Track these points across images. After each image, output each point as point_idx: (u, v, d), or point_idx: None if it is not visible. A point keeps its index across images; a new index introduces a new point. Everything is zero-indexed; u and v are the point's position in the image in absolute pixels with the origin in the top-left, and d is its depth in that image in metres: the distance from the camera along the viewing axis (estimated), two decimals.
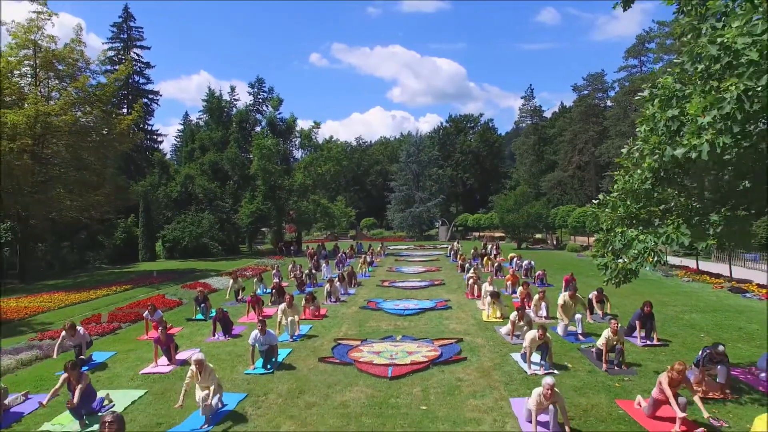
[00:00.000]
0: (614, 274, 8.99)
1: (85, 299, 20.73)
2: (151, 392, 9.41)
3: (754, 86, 5.19)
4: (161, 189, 46.12)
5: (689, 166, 8.05)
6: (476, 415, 8.02)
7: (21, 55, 28.81)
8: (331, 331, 13.96)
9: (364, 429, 7.61)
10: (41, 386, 9.91)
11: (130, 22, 64.14)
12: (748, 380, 9.33)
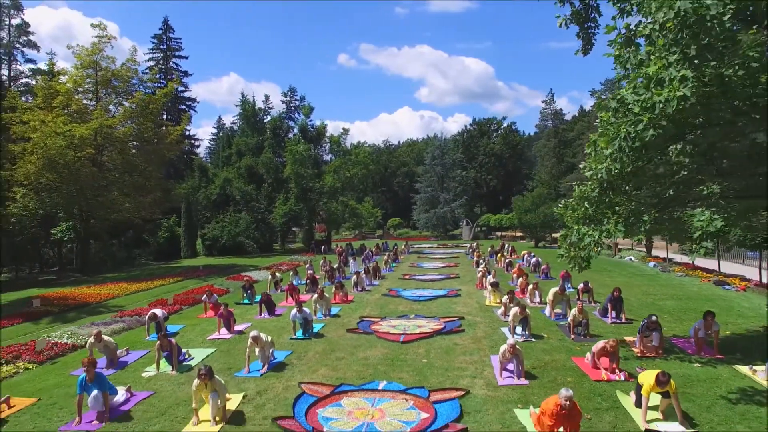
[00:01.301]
0: (574, 262, 11.56)
1: (145, 288, 23.99)
2: (219, 350, 12.39)
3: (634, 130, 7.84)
4: (201, 191, 49.62)
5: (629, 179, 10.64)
6: (463, 365, 10.76)
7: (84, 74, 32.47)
8: (357, 312, 16.79)
9: (378, 373, 10.40)
10: (134, 347, 12.95)
11: (169, 33, 68.12)
12: (684, 347, 11.83)
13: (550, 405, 7.04)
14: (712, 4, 6.04)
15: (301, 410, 8.43)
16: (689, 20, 6.13)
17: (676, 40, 6.57)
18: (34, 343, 12.70)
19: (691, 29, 6.24)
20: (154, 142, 34.60)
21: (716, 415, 7.94)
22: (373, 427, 7.73)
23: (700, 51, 6.50)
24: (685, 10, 6.06)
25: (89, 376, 8.29)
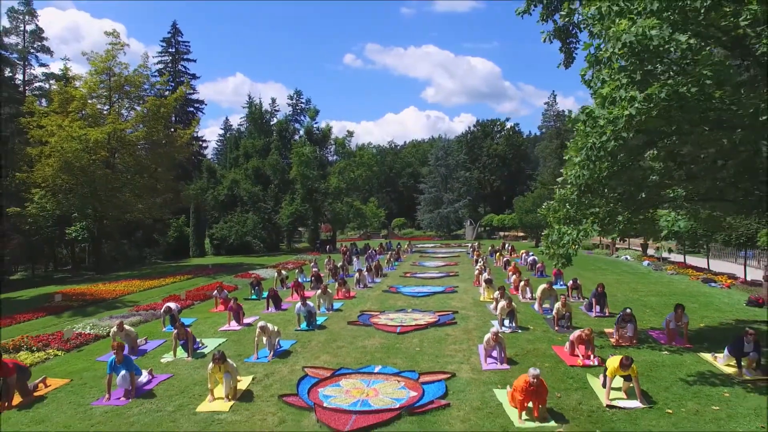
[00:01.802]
0: (555, 259, 12.56)
1: (157, 285, 25.14)
2: (230, 340, 13.48)
3: (599, 141, 8.85)
4: (210, 192, 50.84)
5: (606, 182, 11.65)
6: (452, 353, 11.80)
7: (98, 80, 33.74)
8: (358, 306, 17.83)
9: (375, 359, 11.45)
10: (151, 337, 14.05)
11: (177, 36, 69.39)
12: (659, 337, 12.80)
13: (521, 382, 8.06)
14: (655, 35, 7.04)
15: (304, 389, 9.50)
16: (636, 49, 7.13)
17: (623, 66, 7.58)
18: (61, 333, 13.84)
19: (638, 56, 7.24)
20: (165, 144, 35.80)
21: (672, 394, 8.94)
22: (367, 403, 8.78)
23: (644, 75, 7.50)
24: (630, 41, 7.05)
25: (118, 359, 9.37)
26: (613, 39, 7.33)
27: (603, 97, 8.02)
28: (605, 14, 7.80)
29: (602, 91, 8.01)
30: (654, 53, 7.28)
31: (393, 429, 7.80)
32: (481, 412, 8.40)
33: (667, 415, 8.07)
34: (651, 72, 7.60)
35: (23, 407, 9.06)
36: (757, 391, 8.96)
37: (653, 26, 7.06)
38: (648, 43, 7.03)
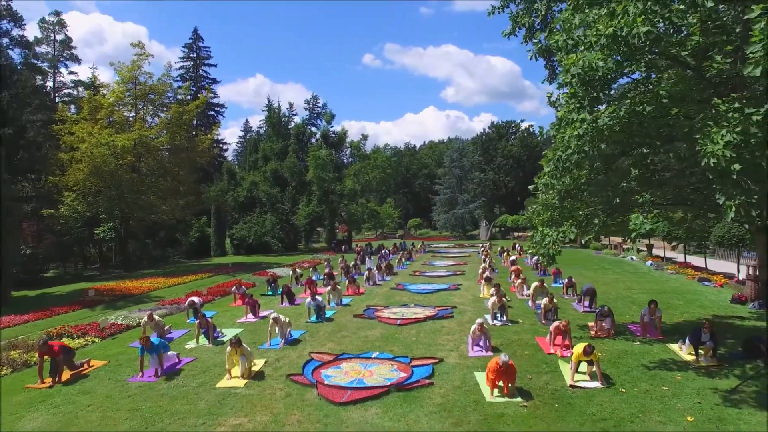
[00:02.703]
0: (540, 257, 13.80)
1: (181, 282, 26.80)
2: (246, 330, 14.94)
3: (563, 154, 10.12)
4: (230, 194, 52.68)
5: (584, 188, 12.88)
6: (444, 342, 13.12)
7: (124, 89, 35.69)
8: (365, 302, 19.21)
9: (374, 347, 12.81)
10: (176, 327, 15.58)
11: (199, 42, 71.54)
12: (636, 330, 13.96)
13: (493, 364, 9.37)
14: (600, 66, 8.28)
15: (309, 370, 10.92)
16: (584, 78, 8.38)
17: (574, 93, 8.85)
18: (97, 324, 15.45)
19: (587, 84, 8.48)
20: (187, 149, 37.60)
21: (630, 377, 10.18)
22: (362, 382, 10.16)
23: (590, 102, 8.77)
24: (578, 72, 8.30)
25: (146, 346, 10.86)
26: (564, 71, 8.62)
27: (560, 118, 9.31)
28: (561, 47, 9.07)
29: (559, 113, 9.30)
30: (601, 81, 8.52)
31: (381, 401, 9.15)
32: (459, 390, 9.72)
33: (620, 394, 9.32)
34: (597, 98, 8.84)
35: (71, 382, 10.62)
36: (707, 375, 10.16)
37: (599, 59, 8.32)
38: (594, 74, 8.29)
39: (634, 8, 8.22)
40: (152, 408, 9.13)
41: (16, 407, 9.44)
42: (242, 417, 8.62)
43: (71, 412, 9.11)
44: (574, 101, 8.95)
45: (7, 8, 39.83)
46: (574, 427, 7.97)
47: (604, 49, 8.60)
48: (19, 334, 14.74)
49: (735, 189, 8.45)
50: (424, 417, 8.48)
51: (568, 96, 9.14)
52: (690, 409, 8.52)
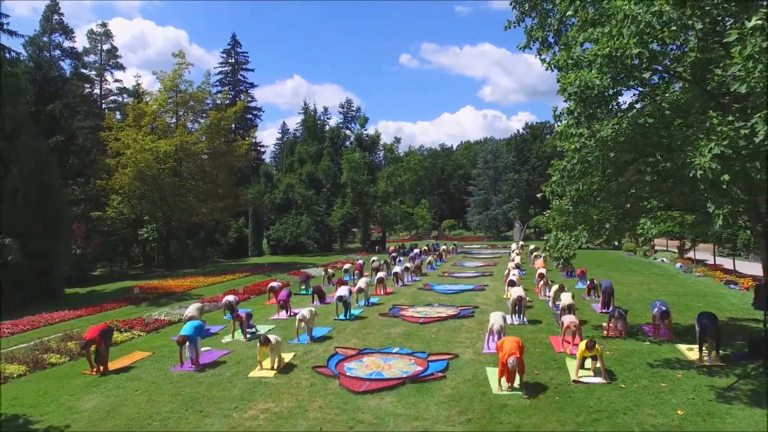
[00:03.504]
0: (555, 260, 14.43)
1: (219, 281, 28.18)
2: (278, 326, 16.02)
3: (568, 164, 10.81)
4: (267, 196, 54.30)
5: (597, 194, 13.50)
6: (462, 340, 13.91)
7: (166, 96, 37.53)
8: (392, 301, 20.09)
9: (395, 343, 13.68)
10: (214, 323, 16.76)
11: (237, 48, 73.61)
12: (649, 331, 14.46)
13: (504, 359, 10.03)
14: (596, 86, 8.96)
15: (333, 363, 11.86)
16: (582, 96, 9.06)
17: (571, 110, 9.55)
18: (142, 319, 16.77)
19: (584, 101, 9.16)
20: (225, 154, 39.20)
21: (632, 374, 10.80)
22: (380, 374, 11.05)
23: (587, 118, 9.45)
24: (574, 91, 8.99)
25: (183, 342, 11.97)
26: (561, 89, 9.33)
27: (560, 132, 10.02)
28: (562, 66, 9.77)
29: (559, 128, 10.02)
30: (598, 98, 9.20)
31: (396, 392, 10.02)
32: (469, 383, 10.52)
33: (620, 389, 9.98)
34: (593, 115, 9.52)
35: (120, 371, 11.84)
36: (708, 374, 10.70)
37: (595, 77, 9.00)
38: (590, 92, 8.98)
39: (628, 30, 8.88)
40: (191, 393, 10.22)
41: (75, 390, 10.68)
42: (270, 402, 9.61)
43: (121, 395, 10.28)
44: (571, 117, 9.64)
45: (59, 22, 42.18)
46: (570, 418, 8.69)
47: (603, 68, 9.28)
48: (74, 328, 16.13)
49: (724, 198, 9.03)
50: (433, 405, 9.32)
51: (567, 111, 9.84)
52: (683, 404, 9.13)
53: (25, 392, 10.67)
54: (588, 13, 10.55)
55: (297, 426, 8.59)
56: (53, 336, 15.12)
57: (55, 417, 9.26)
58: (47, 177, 24.78)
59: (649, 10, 8.60)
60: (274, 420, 8.86)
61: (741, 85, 8.11)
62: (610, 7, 9.60)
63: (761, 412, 8.67)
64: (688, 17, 8.86)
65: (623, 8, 9.05)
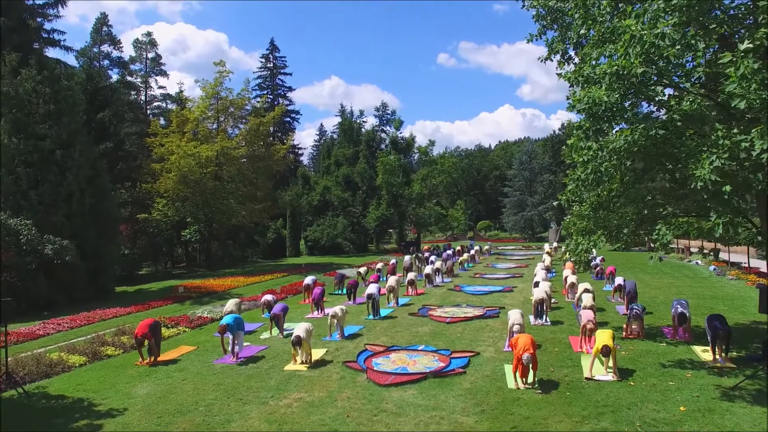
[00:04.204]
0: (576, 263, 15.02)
1: (258, 281, 29.49)
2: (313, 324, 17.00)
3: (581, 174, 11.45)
4: (304, 198, 55.78)
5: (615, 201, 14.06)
6: (485, 339, 14.65)
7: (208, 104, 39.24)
8: (422, 302, 20.91)
9: (422, 341, 14.51)
10: (253, 321, 17.88)
11: (275, 53, 75.63)
12: (668, 332, 14.92)
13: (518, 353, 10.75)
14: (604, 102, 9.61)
15: (362, 359, 12.78)
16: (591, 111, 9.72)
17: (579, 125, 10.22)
18: (187, 316, 18.03)
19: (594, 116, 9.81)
20: (264, 158, 40.69)
21: (643, 373, 11.38)
22: (405, 369, 11.90)
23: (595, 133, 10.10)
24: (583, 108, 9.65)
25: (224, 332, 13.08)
26: (571, 106, 10.01)
27: (570, 146, 10.71)
28: (573, 82, 10.46)
29: (569, 141, 10.71)
30: (606, 114, 9.83)
31: (419, 385, 10.86)
32: (487, 378, 11.28)
33: (628, 387, 10.59)
34: (600, 130, 10.17)
35: (169, 363, 13.02)
36: (717, 374, 11.19)
37: (603, 94, 9.66)
38: (598, 108, 9.63)
39: (634, 50, 9.52)
40: (232, 383, 11.27)
41: (129, 378, 11.87)
42: (303, 392, 10.57)
43: (170, 384, 11.41)
44: (581, 132, 10.31)
45: (107, 33, 44.36)
46: (577, 411, 9.38)
47: (612, 84, 9.94)
48: (125, 323, 17.46)
49: (725, 208, 9.58)
50: (451, 398, 10.12)
51: (576, 126, 10.51)
52: (686, 401, 9.70)
53: (86, 380, 11.91)
54: (601, 30, 11.20)
55: (326, 413, 9.51)
56: (108, 330, 16.45)
57: (113, 401, 10.43)
58: (100, 182, 26.48)
59: (652, 32, 9.22)
60: (306, 408, 9.81)
61: (741, 101, 8.68)
62: (620, 26, 10.24)
63: (761, 410, 9.19)
64: (691, 37, 9.45)
65: (630, 28, 9.69)
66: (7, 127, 22.78)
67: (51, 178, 23.32)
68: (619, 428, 8.63)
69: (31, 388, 11.36)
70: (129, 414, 9.77)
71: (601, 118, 9.88)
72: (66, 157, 23.96)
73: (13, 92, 22.98)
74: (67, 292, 23.00)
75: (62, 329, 17.79)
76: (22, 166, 22.99)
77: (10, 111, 23.00)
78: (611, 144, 11.18)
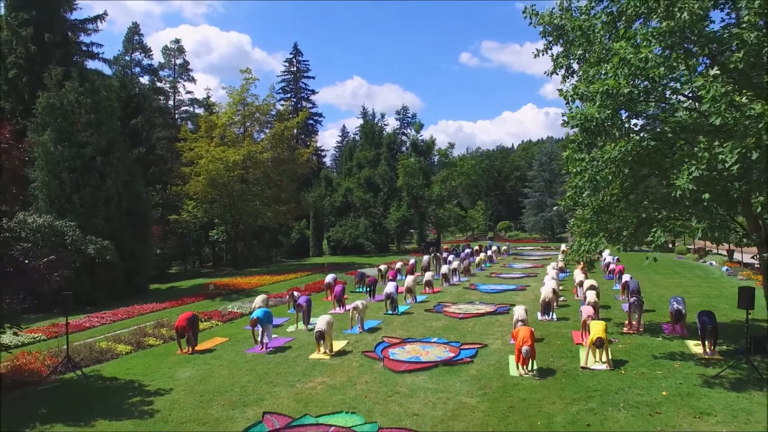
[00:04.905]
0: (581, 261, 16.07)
1: (283, 279, 30.98)
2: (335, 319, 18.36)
3: (578, 182, 12.56)
4: (327, 199, 57.33)
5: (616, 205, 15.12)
6: (494, 333, 15.82)
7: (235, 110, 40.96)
8: (438, 299, 22.10)
9: (435, 334, 15.72)
10: (280, 315, 19.28)
11: (298, 57, 77.39)
12: (666, 328, 15.91)
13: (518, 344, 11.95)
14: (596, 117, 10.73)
15: (379, 349, 14.06)
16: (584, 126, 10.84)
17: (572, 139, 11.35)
18: (219, 311, 19.53)
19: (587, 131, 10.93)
20: (288, 161, 42.28)
21: (636, 363, 12.46)
22: (418, 358, 13.15)
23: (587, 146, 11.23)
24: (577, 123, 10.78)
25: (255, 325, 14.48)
26: (565, 123, 11.15)
27: (566, 157, 11.86)
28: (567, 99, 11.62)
29: (564, 154, 11.86)
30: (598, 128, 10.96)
31: (430, 372, 12.10)
32: (492, 366, 12.48)
33: (619, 375, 11.70)
34: (592, 144, 11.30)
35: (205, 352, 14.46)
36: (704, 365, 12.22)
37: (595, 111, 10.79)
38: (589, 124, 10.76)
39: (622, 72, 10.64)
40: (263, 369, 12.65)
41: (171, 364, 13.35)
42: (326, 377, 11.90)
43: (208, 369, 12.83)
44: (575, 145, 11.46)
45: (139, 42, 46.35)
46: (569, 395, 10.53)
47: (604, 101, 11.06)
48: (162, 317, 19.01)
49: (705, 214, 10.64)
50: (458, 383, 11.34)
51: (571, 140, 11.65)
52: (670, 387, 10.78)
53: (134, 365, 13.41)
54: (597, 50, 12.33)
55: (347, 394, 10.81)
56: (148, 323, 17.98)
57: (160, 383, 11.88)
58: (135, 186, 28.21)
59: (636, 57, 10.34)
60: (329, 390, 11.12)
61: (717, 118, 9.74)
62: (611, 49, 11.36)
63: (736, 394, 10.26)
64: (673, 59, 10.54)
65: (619, 52, 10.81)
66: (53, 136, 24.59)
67: (92, 183, 25.05)
68: (604, 409, 9.78)
69: (87, 371, 12.89)
70: (174, 393, 11.20)
71: (594, 132, 11.00)
72: (105, 163, 25.69)
73: (59, 103, 24.84)
74: (107, 290, 24.74)
75: (105, 322, 19.42)
76: (66, 171, 24.76)
77: (55, 121, 24.82)
78: (607, 154, 12.29)
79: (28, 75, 29.42)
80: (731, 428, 8.84)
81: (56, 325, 17.86)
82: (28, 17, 29.84)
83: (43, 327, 18.12)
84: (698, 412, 9.53)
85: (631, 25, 12.44)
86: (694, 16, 10.23)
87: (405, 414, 9.73)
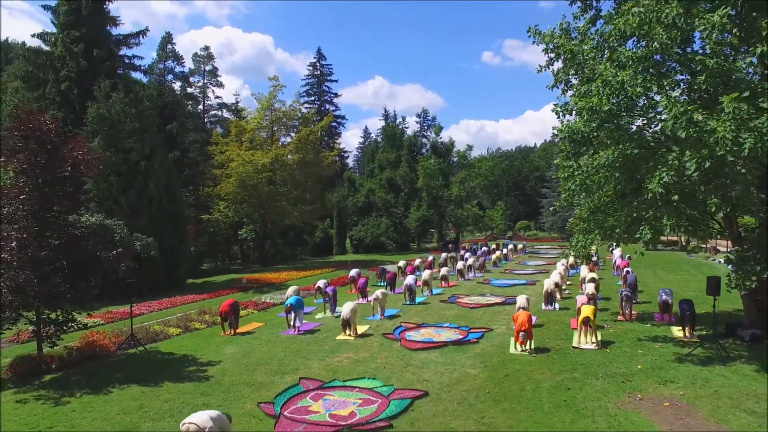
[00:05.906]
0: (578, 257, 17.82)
1: (309, 275, 33.10)
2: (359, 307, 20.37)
3: (570, 185, 14.36)
4: (349, 199, 59.49)
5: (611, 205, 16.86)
6: (500, 320, 17.66)
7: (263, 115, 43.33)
8: (453, 292, 23.99)
9: (447, 320, 17.62)
10: (307, 305, 21.33)
11: (321, 61, 79.73)
12: (656, 318, 17.57)
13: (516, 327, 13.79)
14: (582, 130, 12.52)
15: (397, 332, 16.03)
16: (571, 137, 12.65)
17: (562, 149, 13.16)
18: (254, 301, 21.70)
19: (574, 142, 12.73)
20: (313, 163, 44.51)
21: (622, 344, 14.22)
22: (431, 339, 15.09)
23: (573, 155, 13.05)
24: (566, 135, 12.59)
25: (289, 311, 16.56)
26: (554, 135, 12.98)
27: (557, 164, 13.70)
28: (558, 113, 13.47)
29: (556, 161, 13.69)
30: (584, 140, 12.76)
31: (440, 350, 14.02)
32: (495, 346, 14.37)
33: (605, 353, 13.49)
34: (579, 152, 13.11)
35: (245, 334, 16.59)
36: (681, 346, 13.94)
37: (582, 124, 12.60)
38: (576, 137, 12.58)
39: (604, 91, 12.45)
40: (297, 347, 14.74)
41: (217, 344, 15.52)
42: (351, 353, 13.91)
43: (249, 347, 14.96)
44: (564, 154, 13.30)
45: (171, 50, 48.95)
46: (558, 367, 12.38)
47: (592, 116, 12.87)
48: (204, 306, 21.25)
49: (674, 212, 12.40)
50: (464, 358, 13.26)
51: (559, 150, 13.47)
52: (645, 362, 12.56)
53: (185, 344, 15.60)
54: (585, 74, 14.15)
55: (369, 366, 12.80)
56: (191, 311, 20.20)
57: (210, 356, 14.04)
58: (173, 189, 30.60)
59: (614, 79, 12.14)
60: (353, 363, 13.13)
61: (682, 132, 11.50)
62: (597, 71, 13.16)
63: (700, 368, 12.00)
64: (647, 81, 12.32)
65: (603, 74, 12.62)
66: (102, 143, 27.04)
67: (137, 186, 27.49)
68: (585, 377, 11.62)
69: (147, 348, 15.10)
70: (223, 364, 13.33)
71: (580, 143, 12.83)
72: (148, 167, 28.11)
73: (107, 113, 27.31)
74: (150, 283, 27.07)
75: (152, 310, 21.74)
76: (114, 175, 27.21)
77: (104, 129, 27.29)
78: (596, 161, 14.09)
79: (78, 87, 32.08)
80: (687, 392, 10.62)
81: (111, 312, 20.26)
82: (79, 35, 32.60)
83: (100, 314, 20.46)
84: (664, 380, 11.32)
85: (616, 49, 14.23)
86: (664, 45, 12.00)
87: (417, 380, 11.69)
